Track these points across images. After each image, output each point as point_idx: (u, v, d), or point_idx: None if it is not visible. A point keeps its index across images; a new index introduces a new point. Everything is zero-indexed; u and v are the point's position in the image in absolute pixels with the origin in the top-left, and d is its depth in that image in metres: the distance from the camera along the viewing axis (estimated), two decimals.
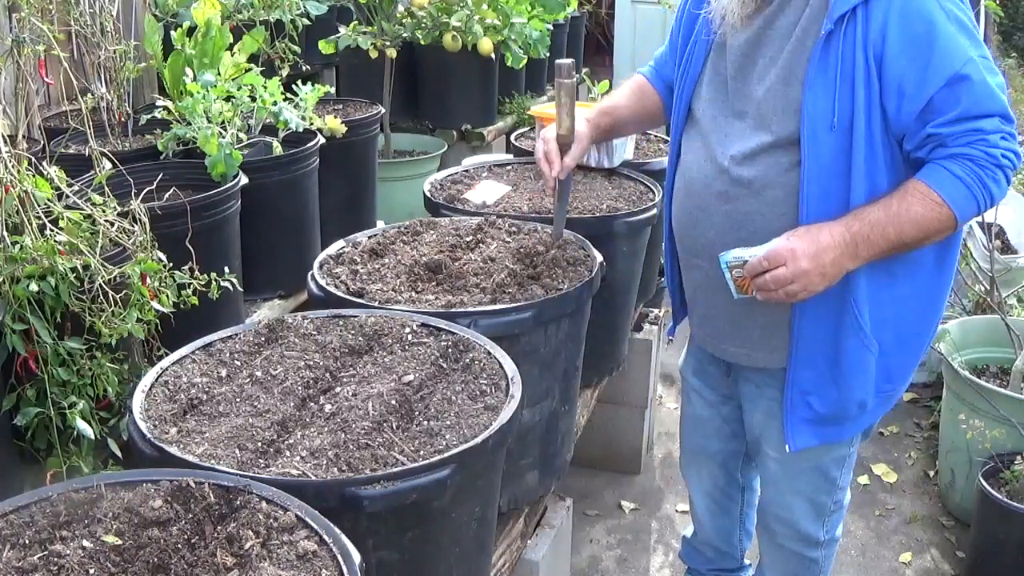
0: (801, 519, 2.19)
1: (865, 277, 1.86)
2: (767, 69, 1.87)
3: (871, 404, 2.00)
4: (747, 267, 1.81)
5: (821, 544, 2.23)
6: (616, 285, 2.46)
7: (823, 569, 2.30)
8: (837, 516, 2.23)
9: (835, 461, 2.11)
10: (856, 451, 2.15)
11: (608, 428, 3.27)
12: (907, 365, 2.02)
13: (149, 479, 1.26)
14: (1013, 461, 2.75)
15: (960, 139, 1.74)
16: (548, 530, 2.20)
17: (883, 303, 1.90)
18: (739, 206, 1.92)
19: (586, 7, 6.73)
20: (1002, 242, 3.83)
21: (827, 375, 1.95)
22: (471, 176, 2.77)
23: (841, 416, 1.99)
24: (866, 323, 1.89)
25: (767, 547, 2.34)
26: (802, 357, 1.95)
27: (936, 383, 3.77)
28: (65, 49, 2.33)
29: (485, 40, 4.14)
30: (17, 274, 1.65)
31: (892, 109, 1.76)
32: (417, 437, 1.44)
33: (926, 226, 1.77)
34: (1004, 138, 1.75)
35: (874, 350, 1.92)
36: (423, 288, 1.95)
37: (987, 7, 5.44)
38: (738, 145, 1.91)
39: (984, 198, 1.77)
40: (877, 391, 1.98)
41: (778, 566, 2.33)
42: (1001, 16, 6.16)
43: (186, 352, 1.66)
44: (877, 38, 1.73)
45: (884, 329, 1.92)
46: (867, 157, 1.78)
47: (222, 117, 2.49)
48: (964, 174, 1.74)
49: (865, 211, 1.78)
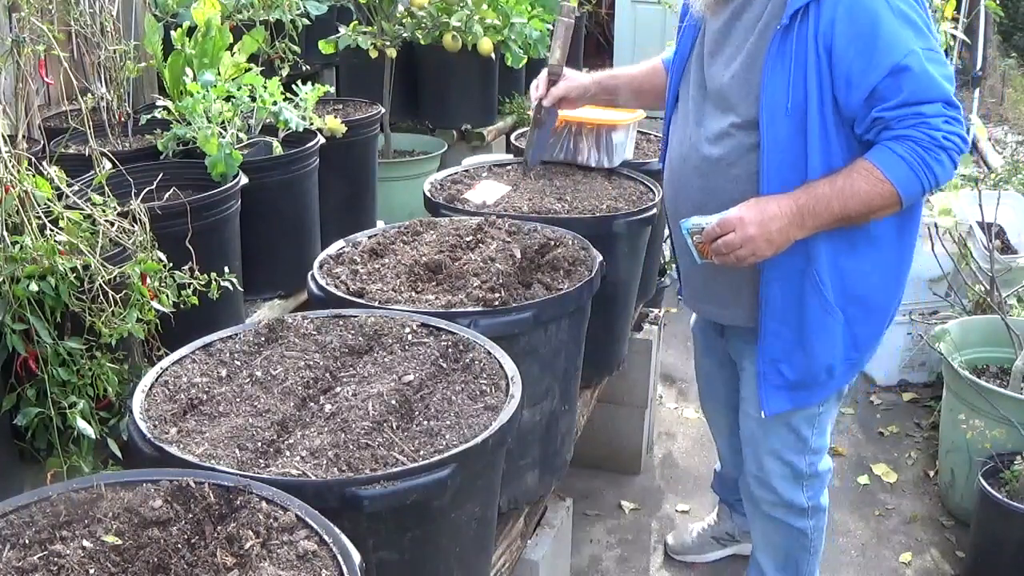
0: (778, 481, 2.30)
1: (827, 249, 2.01)
2: (733, 57, 2.04)
3: (839, 370, 2.14)
4: (704, 233, 1.99)
5: (807, 512, 2.33)
6: (616, 285, 2.46)
7: (813, 544, 2.38)
8: (817, 483, 2.33)
9: (805, 420, 2.23)
10: (828, 413, 2.26)
11: (608, 428, 3.27)
12: (873, 334, 2.16)
13: (149, 479, 1.26)
14: (1013, 461, 2.75)
15: (903, 122, 1.88)
16: (548, 530, 2.20)
17: (845, 274, 2.04)
18: (710, 181, 2.09)
19: (586, 7, 6.72)
20: (1002, 242, 3.83)
21: (795, 343, 2.09)
22: (471, 176, 2.77)
23: (810, 382, 2.14)
24: (829, 293, 2.03)
25: (756, 523, 2.43)
26: (770, 326, 2.10)
27: (936, 383, 3.77)
28: (65, 49, 2.33)
29: (485, 40, 4.14)
30: (17, 274, 1.65)
31: (842, 96, 1.92)
32: (417, 437, 1.44)
33: (869, 201, 1.92)
34: (947, 122, 1.88)
35: (839, 318, 2.06)
36: (423, 288, 1.95)
37: (987, 7, 5.45)
38: (710, 125, 2.09)
39: (927, 177, 1.90)
40: (845, 358, 2.13)
41: (769, 542, 2.41)
42: (1001, 16, 6.16)
43: (186, 352, 1.66)
44: (827, 31, 1.89)
45: (848, 299, 2.06)
46: (820, 138, 1.94)
47: (222, 117, 2.49)
48: (906, 154, 1.88)
49: (813, 185, 1.94)
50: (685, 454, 3.49)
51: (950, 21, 4.75)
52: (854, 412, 3.79)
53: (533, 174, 2.75)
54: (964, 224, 3.59)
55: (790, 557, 2.40)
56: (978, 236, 3.60)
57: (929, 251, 3.58)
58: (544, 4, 4.62)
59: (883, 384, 3.96)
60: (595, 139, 2.75)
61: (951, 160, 1.91)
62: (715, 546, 2.89)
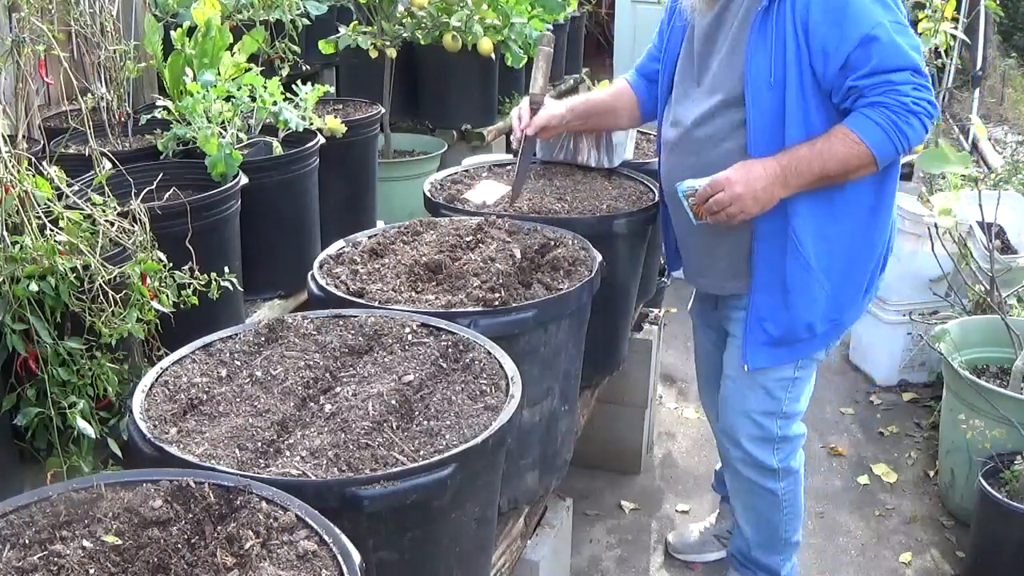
0: (748, 441, 2.43)
1: (806, 216, 2.18)
2: (722, 45, 2.21)
3: (820, 329, 2.28)
4: (697, 194, 2.17)
5: (777, 473, 2.45)
6: (616, 285, 2.46)
7: (786, 506, 2.51)
8: (788, 447, 2.45)
9: (779, 383, 2.36)
10: (803, 380, 2.39)
11: (608, 428, 3.27)
12: (852, 296, 2.31)
13: (149, 479, 1.26)
14: (1013, 461, 2.75)
15: (875, 90, 2.04)
16: (548, 530, 2.20)
17: (823, 239, 2.20)
18: (702, 157, 2.25)
19: (586, 7, 6.73)
20: (1002, 242, 3.83)
21: (780, 301, 2.26)
22: (471, 176, 2.77)
23: (791, 338, 2.29)
24: (809, 255, 2.20)
25: (732, 485, 2.57)
26: (759, 286, 2.27)
27: (936, 383, 3.77)
28: (65, 49, 2.33)
29: (485, 40, 4.14)
30: (17, 274, 1.65)
31: (819, 69, 2.08)
32: (417, 437, 1.44)
33: (847, 161, 2.09)
34: (915, 88, 2.04)
35: (819, 279, 2.22)
36: (423, 288, 1.95)
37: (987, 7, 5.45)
38: (700, 109, 2.25)
39: (899, 139, 2.06)
40: (827, 318, 2.28)
41: (744, 504, 2.55)
42: (1001, 16, 6.17)
43: (186, 352, 1.66)
44: (803, 9, 2.06)
45: (826, 262, 2.22)
46: (801, 109, 2.11)
47: (222, 117, 2.49)
48: (879, 118, 2.05)
49: (795, 148, 2.12)
50: (685, 454, 3.50)
51: (950, 21, 4.75)
52: (854, 412, 3.79)
53: (533, 174, 2.75)
54: (964, 224, 3.59)
55: (764, 517, 2.53)
56: (978, 236, 3.60)
57: (929, 251, 3.58)
58: (544, 4, 4.62)
59: (883, 384, 3.96)
60: (595, 139, 2.76)
61: (921, 124, 2.07)
62: (716, 545, 2.89)
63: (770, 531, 2.54)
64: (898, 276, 3.78)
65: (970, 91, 6.63)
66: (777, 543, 2.56)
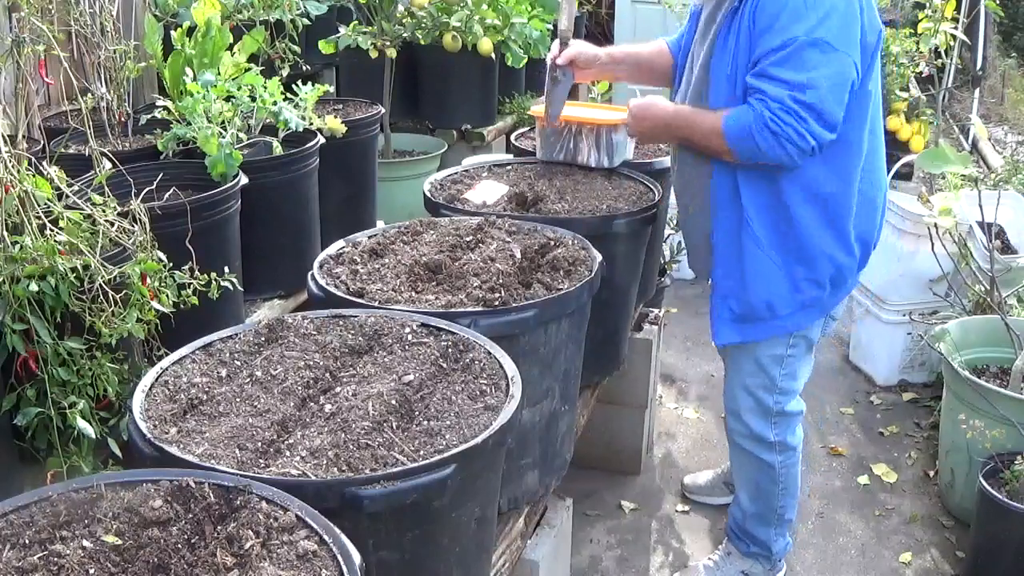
0: (746, 413, 2.55)
1: (754, 195, 2.31)
2: (709, 36, 2.33)
3: (783, 310, 2.39)
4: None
5: (774, 447, 2.57)
6: (616, 285, 2.46)
7: (782, 480, 2.62)
8: (784, 422, 2.56)
9: (772, 359, 2.48)
10: (796, 359, 2.49)
11: (608, 428, 3.27)
12: (814, 280, 2.38)
13: (149, 479, 1.26)
14: (1013, 461, 2.75)
15: (753, 92, 2.18)
16: (548, 530, 2.20)
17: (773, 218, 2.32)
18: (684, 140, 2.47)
19: (586, 7, 6.73)
20: (1002, 242, 3.82)
21: (738, 281, 2.39)
22: (471, 176, 2.77)
23: (752, 316, 2.41)
24: (761, 238, 2.33)
25: (732, 456, 2.71)
26: (720, 267, 2.43)
27: (936, 383, 3.77)
28: (65, 49, 2.33)
29: (485, 40, 4.14)
30: (17, 274, 1.65)
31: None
32: (417, 437, 1.44)
33: (706, 136, 2.27)
34: (783, 110, 2.12)
35: (773, 259, 2.34)
36: (423, 288, 1.95)
37: (987, 7, 5.45)
38: (689, 92, 2.42)
39: (752, 142, 2.17)
40: (790, 300, 2.38)
41: (743, 475, 2.68)
42: (1001, 16, 6.17)
43: (186, 352, 1.66)
44: (751, 15, 2.19)
45: (780, 242, 2.33)
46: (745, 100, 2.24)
47: (222, 117, 2.49)
48: (744, 114, 2.18)
49: (686, 109, 2.37)
50: (685, 454, 3.49)
51: (950, 21, 4.76)
52: (854, 412, 3.79)
53: (533, 174, 2.75)
54: (964, 224, 3.59)
55: (761, 489, 2.64)
56: (978, 236, 3.59)
57: (929, 251, 3.58)
58: (544, 4, 4.62)
59: (883, 384, 3.96)
60: (595, 139, 2.76)
61: (779, 145, 2.14)
62: (724, 491, 3.09)
63: (766, 503, 2.66)
64: (898, 276, 3.79)
65: (970, 91, 6.62)
66: (771, 517, 2.67)
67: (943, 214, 3.42)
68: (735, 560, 2.76)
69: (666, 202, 2.88)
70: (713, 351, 3.47)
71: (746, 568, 2.75)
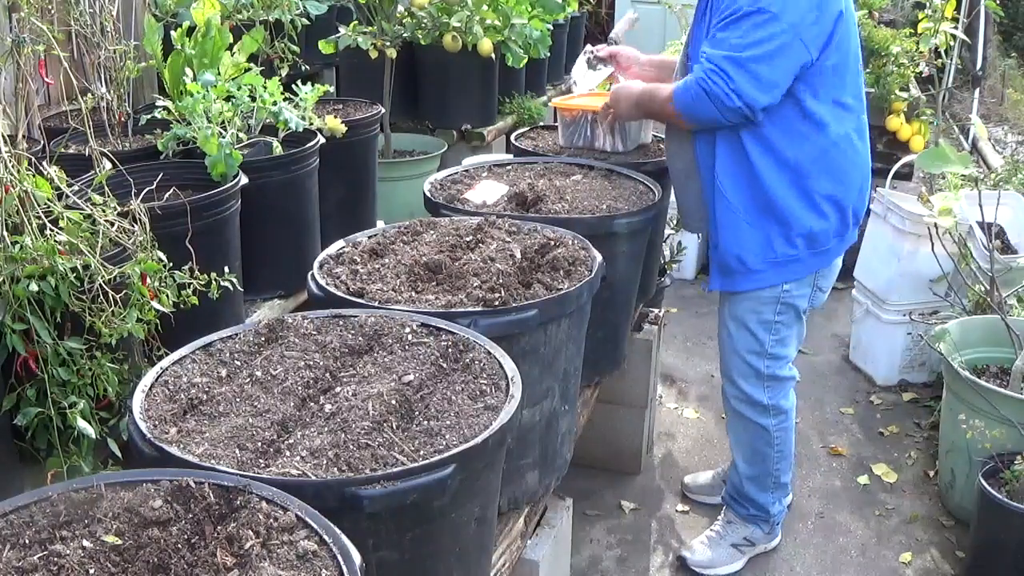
0: (739, 378, 2.72)
1: (724, 156, 2.50)
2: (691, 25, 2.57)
3: (754, 265, 2.56)
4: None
5: (768, 410, 2.72)
6: (616, 285, 2.45)
7: (776, 443, 2.76)
8: (777, 386, 2.72)
9: (762, 325, 2.65)
10: (785, 325, 2.64)
11: (608, 428, 3.27)
12: (787, 239, 2.53)
13: (149, 479, 1.26)
14: (1013, 461, 2.75)
15: (701, 55, 2.40)
16: (548, 530, 2.20)
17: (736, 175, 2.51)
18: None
19: (586, 7, 6.73)
20: (1002, 242, 3.83)
21: (715, 235, 2.60)
22: (471, 176, 2.77)
23: (728, 268, 2.61)
24: (730, 195, 2.52)
25: (729, 422, 2.86)
26: (708, 223, 2.63)
27: (936, 383, 3.77)
28: (65, 49, 2.33)
29: (485, 40, 4.14)
30: (17, 274, 1.65)
31: None
32: (417, 437, 1.44)
33: (662, 105, 2.53)
34: (715, 72, 2.32)
35: (740, 215, 2.52)
36: (423, 288, 1.95)
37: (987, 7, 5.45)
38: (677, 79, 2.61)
39: (692, 105, 2.40)
40: (763, 257, 2.55)
41: (739, 439, 2.82)
42: (1001, 16, 6.17)
43: (186, 352, 1.66)
44: None
45: (744, 198, 2.51)
46: None
47: (222, 117, 2.49)
48: (688, 80, 2.41)
49: (651, 86, 2.66)
50: (685, 454, 3.50)
51: (950, 21, 4.75)
52: (854, 412, 3.79)
53: (533, 174, 2.75)
54: (964, 224, 3.59)
55: (756, 452, 2.78)
56: (978, 236, 3.59)
57: (929, 251, 3.58)
58: (544, 4, 4.62)
59: (883, 384, 3.96)
60: (609, 126, 2.95)
61: (712, 104, 2.35)
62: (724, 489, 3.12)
63: (762, 465, 2.78)
64: (898, 276, 3.79)
65: (970, 91, 6.63)
66: (767, 480, 2.80)
67: (943, 214, 3.42)
68: (736, 528, 2.88)
69: (666, 202, 2.89)
70: (713, 351, 3.47)
71: (747, 534, 2.87)
